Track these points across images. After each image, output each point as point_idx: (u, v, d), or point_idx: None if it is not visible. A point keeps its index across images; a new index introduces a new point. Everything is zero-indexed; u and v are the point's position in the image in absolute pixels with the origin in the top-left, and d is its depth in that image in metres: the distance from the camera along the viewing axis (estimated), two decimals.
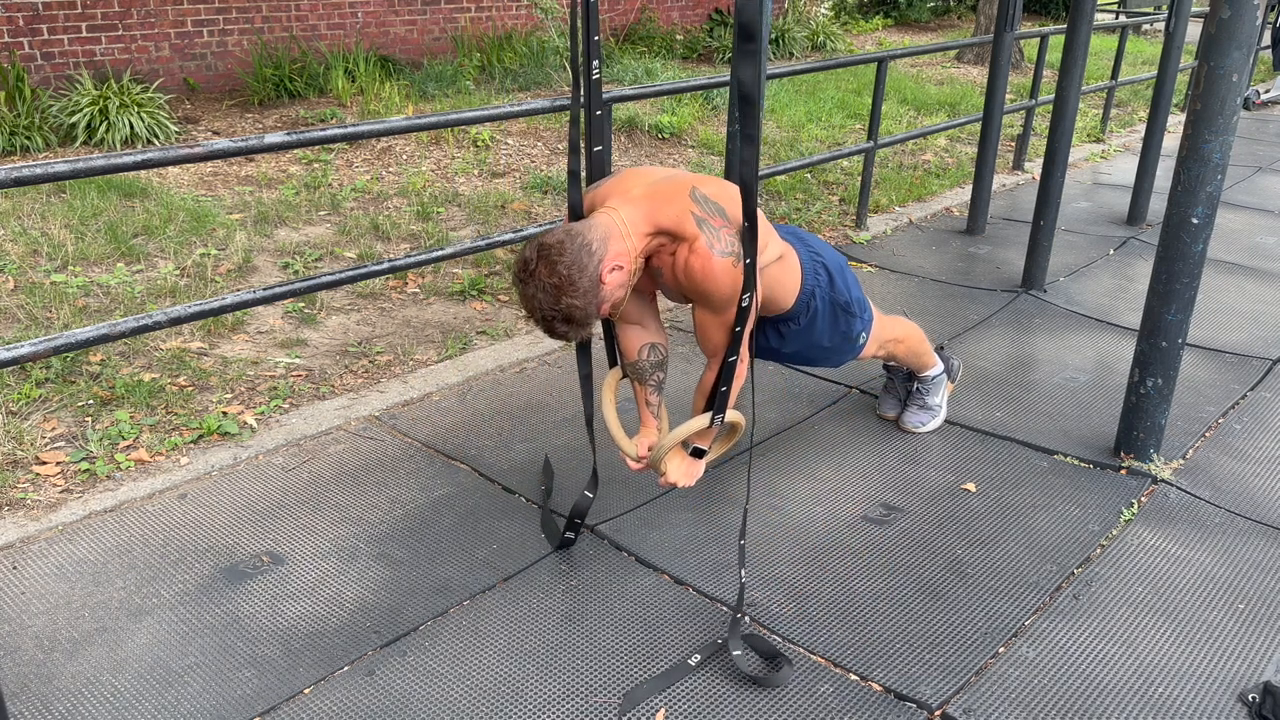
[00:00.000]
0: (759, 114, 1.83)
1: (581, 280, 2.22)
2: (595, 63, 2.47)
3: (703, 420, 2.48)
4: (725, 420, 2.54)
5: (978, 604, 2.49)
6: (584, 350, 2.70)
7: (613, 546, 2.70)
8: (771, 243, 2.60)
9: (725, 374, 2.44)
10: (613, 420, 2.66)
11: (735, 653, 2.27)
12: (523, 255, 2.27)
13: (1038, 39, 6.70)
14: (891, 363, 3.33)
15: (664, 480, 2.60)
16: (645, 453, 2.66)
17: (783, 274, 2.67)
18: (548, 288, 2.21)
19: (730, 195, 2.42)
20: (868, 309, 2.95)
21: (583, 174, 2.55)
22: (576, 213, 2.48)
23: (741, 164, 2.11)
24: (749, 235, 2.22)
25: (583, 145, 2.54)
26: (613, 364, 2.74)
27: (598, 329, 2.68)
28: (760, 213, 2.53)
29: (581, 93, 2.49)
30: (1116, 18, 12.34)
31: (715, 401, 2.47)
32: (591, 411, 2.71)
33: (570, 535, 2.68)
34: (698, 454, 2.63)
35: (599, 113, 2.53)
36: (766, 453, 3.20)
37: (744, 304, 2.32)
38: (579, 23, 2.43)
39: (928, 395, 3.30)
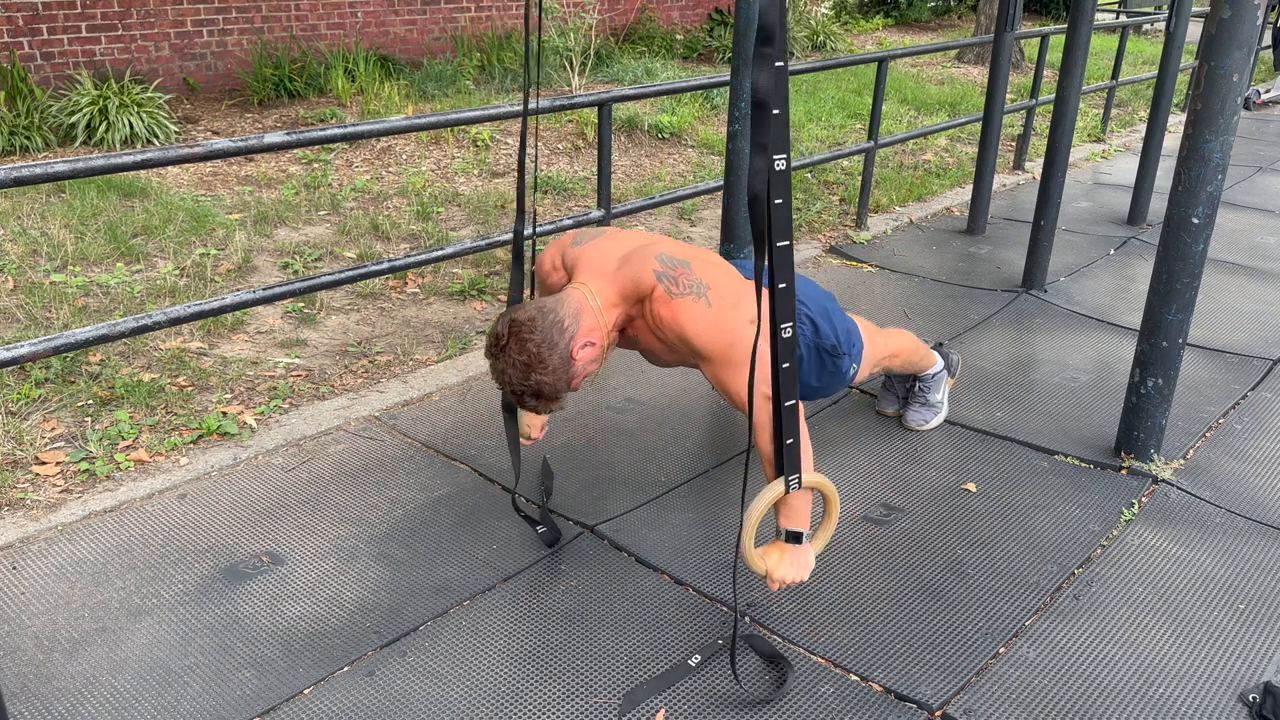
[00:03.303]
0: (768, 121, 1.75)
1: (552, 358, 2.22)
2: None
3: (776, 488, 2.13)
4: (805, 484, 2.15)
5: (978, 604, 2.49)
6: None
7: (613, 546, 2.70)
8: (745, 299, 2.39)
9: (786, 424, 2.06)
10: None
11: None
12: (495, 329, 2.26)
13: (1038, 39, 6.70)
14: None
15: (774, 584, 2.27)
16: (538, 434, 2.73)
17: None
18: (518, 364, 2.21)
19: (699, 254, 2.43)
20: (856, 342, 2.83)
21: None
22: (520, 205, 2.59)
23: (752, 173, 1.86)
24: (757, 244, 1.87)
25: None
26: None
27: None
28: (730, 265, 2.52)
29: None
30: (1117, 18, 12.35)
31: (783, 461, 2.12)
32: (515, 433, 2.71)
33: (540, 527, 2.69)
34: (793, 539, 2.26)
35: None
36: None
37: (786, 334, 1.99)
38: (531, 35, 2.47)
39: (929, 393, 3.30)
